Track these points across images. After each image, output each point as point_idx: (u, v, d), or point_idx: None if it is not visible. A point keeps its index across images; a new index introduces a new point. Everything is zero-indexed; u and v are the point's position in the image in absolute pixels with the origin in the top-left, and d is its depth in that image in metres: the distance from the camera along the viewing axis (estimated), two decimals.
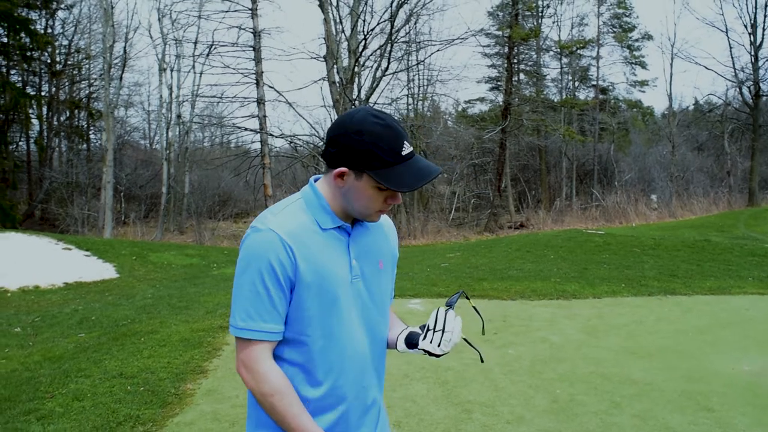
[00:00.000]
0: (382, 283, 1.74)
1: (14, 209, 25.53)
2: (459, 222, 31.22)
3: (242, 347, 1.55)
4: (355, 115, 1.53)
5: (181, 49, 30.26)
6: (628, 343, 6.04)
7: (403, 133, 1.54)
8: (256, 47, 24.72)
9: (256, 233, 1.53)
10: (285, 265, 1.50)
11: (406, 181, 1.52)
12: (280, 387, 1.52)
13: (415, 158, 1.55)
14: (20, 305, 9.52)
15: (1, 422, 4.43)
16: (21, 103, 26.35)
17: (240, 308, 1.53)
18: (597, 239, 13.90)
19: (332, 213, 1.61)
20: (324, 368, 1.58)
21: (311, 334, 1.56)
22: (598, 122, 33.00)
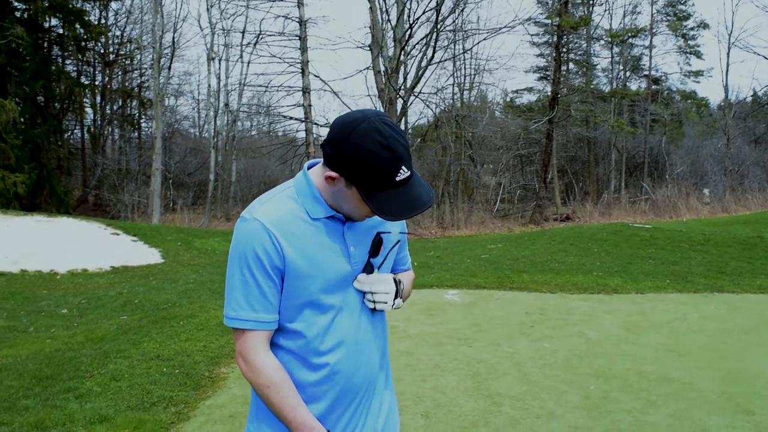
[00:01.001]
0: (385, 264, 1.71)
1: (68, 195, 26.41)
2: (504, 213, 30.88)
3: (237, 337, 1.55)
4: (360, 124, 1.44)
5: (229, 38, 30.65)
6: (668, 340, 5.87)
7: (404, 155, 1.45)
8: (302, 36, 24.89)
9: (242, 223, 1.53)
10: (271, 254, 1.49)
11: (392, 210, 1.46)
12: (275, 379, 1.52)
13: (409, 184, 1.48)
14: (68, 287, 9.85)
15: (42, 398, 4.59)
16: (75, 93, 27.16)
17: (231, 299, 1.53)
18: (643, 233, 13.55)
19: (323, 203, 1.57)
20: (321, 355, 1.57)
21: (305, 321, 1.55)
22: (650, 113, 32.08)
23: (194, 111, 41.96)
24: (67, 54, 30.26)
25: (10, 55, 22.89)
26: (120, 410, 4.31)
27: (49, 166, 24.98)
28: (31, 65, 23.72)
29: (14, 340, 6.63)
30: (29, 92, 24.02)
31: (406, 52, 25.98)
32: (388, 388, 1.81)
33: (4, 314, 7.89)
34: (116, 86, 34.34)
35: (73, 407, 4.37)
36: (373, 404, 1.70)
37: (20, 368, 5.46)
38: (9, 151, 20.98)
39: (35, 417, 4.20)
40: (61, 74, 26.93)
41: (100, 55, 32.40)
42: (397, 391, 4.55)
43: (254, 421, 1.64)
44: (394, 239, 1.73)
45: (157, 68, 26.35)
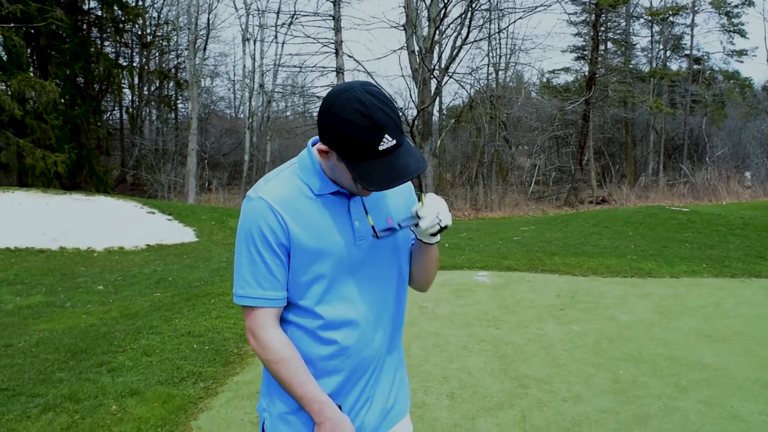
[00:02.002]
0: (393, 239, 1.68)
1: (107, 175, 26.93)
2: (539, 196, 30.55)
3: (247, 314, 1.57)
4: (342, 94, 1.42)
5: (263, 19, 30.68)
6: (702, 325, 5.74)
7: (386, 124, 1.41)
8: (335, 16, 24.81)
9: (248, 202, 1.55)
10: (276, 231, 1.50)
11: (375, 180, 1.44)
12: (284, 354, 1.53)
13: (395, 154, 1.44)
14: (105, 264, 10.07)
15: (76, 372, 4.72)
16: (113, 74, 27.57)
17: (239, 276, 1.55)
18: (680, 217, 13.25)
19: (327, 178, 1.57)
20: (330, 330, 1.57)
21: (313, 298, 1.55)
22: (690, 94, 31.22)
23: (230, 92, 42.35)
24: (105, 36, 30.68)
25: (51, 37, 23.29)
26: (150, 384, 4.40)
27: (89, 146, 25.45)
28: (70, 47, 24.10)
29: (51, 315, 6.82)
30: (69, 74, 24.44)
31: (441, 32, 25.68)
32: (400, 365, 1.80)
33: (43, 290, 8.12)
34: (153, 67, 34.73)
35: (106, 381, 4.48)
36: (383, 380, 1.70)
37: (56, 342, 5.62)
38: (50, 131, 21.42)
39: (69, 389, 4.32)
40: (100, 56, 27.32)
41: (138, 37, 32.76)
42: (423, 372, 4.58)
43: (266, 396, 1.66)
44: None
45: (192, 49, 26.58)
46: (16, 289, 8.21)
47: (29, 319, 6.72)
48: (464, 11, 24.13)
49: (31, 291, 8.08)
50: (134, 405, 4.06)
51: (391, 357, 1.73)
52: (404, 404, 1.80)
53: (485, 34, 28.52)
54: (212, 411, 4.01)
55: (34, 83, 20.71)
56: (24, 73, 20.90)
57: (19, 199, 13.57)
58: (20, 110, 19.86)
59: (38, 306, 7.28)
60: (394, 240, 1.68)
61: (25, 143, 20.39)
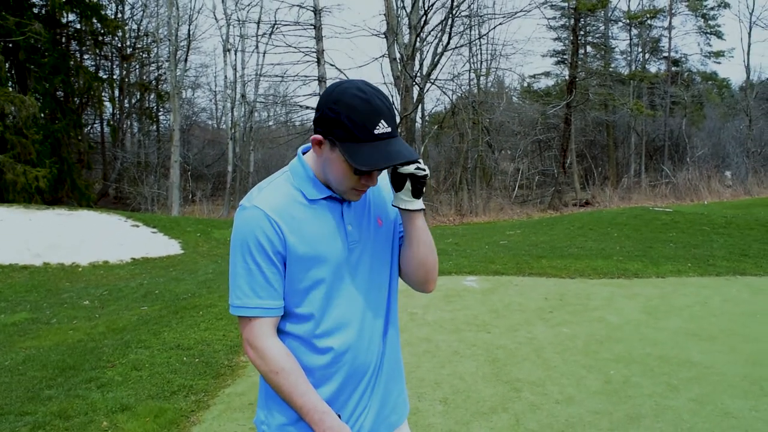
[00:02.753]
0: (384, 239, 1.70)
1: (89, 189, 26.65)
2: (522, 199, 30.69)
3: (244, 325, 1.56)
4: (341, 84, 1.51)
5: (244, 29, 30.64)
6: (690, 324, 5.80)
7: (383, 111, 1.46)
8: (316, 25, 24.83)
9: (242, 211, 1.54)
10: (273, 240, 1.50)
11: (368, 160, 1.44)
12: (284, 364, 1.52)
13: (390, 141, 1.47)
14: (90, 279, 9.97)
15: (65, 388, 4.66)
16: (93, 87, 27.33)
17: (235, 287, 1.54)
18: (664, 217, 13.40)
19: (319, 183, 1.58)
20: (326, 337, 1.57)
21: (310, 305, 1.56)
22: (670, 96, 31.60)
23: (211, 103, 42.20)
24: (84, 49, 30.48)
25: (29, 51, 23.08)
26: (141, 399, 4.36)
27: (70, 160, 25.19)
28: (49, 61, 23.89)
29: (37, 331, 6.73)
30: (48, 87, 24.22)
31: (422, 39, 25.80)
32: (398, 371, 1.79)
33: (28, 306, 8.01)
34: (134, 80, 34.55)
35: (95, 397, 4.44)
36: (381, 386, 1.69)
37: (43, 359, 5.54)
38: (30, 146, 21.17)
39: (58, 406, 4.27)
40: (80, 69, 27.09)
41: (118, 49, 32.57)
42: (415, 378, 4.57)
43: (264, 408, 1.65)
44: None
45: (173, 61, 26.47)
46: (0, 306, 8.10)
47: (15, 336, 6.63)
48: (444, 18, 24.25)
49: (15, 308, 7.97)
50: (125, 420, 4.01)
51: (389, 362, 1.73)
52: (403, 410, 1.80)
53: (466, 40, 28.70)
54: (204, 424, 3.97)
55: (14, 98, 20.48)
56: (3, 87, 20.63)
57: (0, 215, 13.40)
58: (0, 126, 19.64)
59: (23, 323, 7.18)
60: (384, 239, 1.69)
61: (5, 158, 20.11)
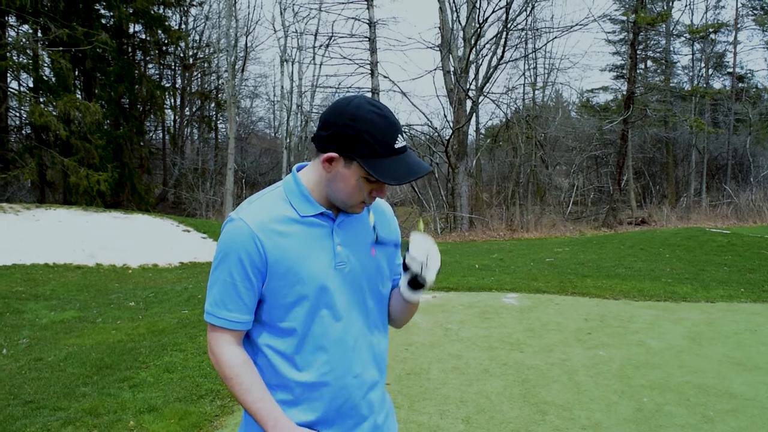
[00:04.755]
0: (377, 269, 1.67)
1: (149, 193, 27.55)
2: (576, 216, 30.10)
3: (210, 331, 1.59)
4: (352, 101, 1.51)
5: (301, 41, 31.18)
6: (735, 353, 5.54)
7: (398, 125, 1.52)
8: (371, 38, 25.05)
9: (229, 223, 1.55)
10: (253, 256, 1.51)
11: (397, 174, 1.48)
12: (238, 370, 1.54)
13: (407, 153, 1.53)
14: (138, 281, 10.27)
15: (99, 387, 4.80)
16: (156, 95, 28.29)
17: (210, 294, 1.57)
18: (720, 239, 12.89)
19: (312, 200, 1.58)
20: (308, 356, 1.56)
21: (292, 320, 1.55)
22: (734, 113, 30.49)
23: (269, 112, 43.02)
24: (149, 58, 31.61)
25: (96, 60, 24.06)
26: (169, 401, 4.45)
27: (131, 165, 26.11)
28: (114, 69, 24.89)
29: (83, 330, 6.97)
30: (113, 95, 25.21)
31: (476, 52, 25.73)
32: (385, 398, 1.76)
33: (77, 305, 8.31)
34: (195, 89, 35.60)
35: (126, 396, 4.55)
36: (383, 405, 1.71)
37: (84, 357, 5.73)
38: (93, 150, 22.05)
39: (90, 404, 4.39)
40: (143, 77, 28.09)
41: (180, 59, 33.64)
42: (440, 395, 4.52)
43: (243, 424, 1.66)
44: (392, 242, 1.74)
45: (231, 71, 27.12)
46: (51, 304, 8.42)
47: (61, 333, 6.87)
48: (499, 31, 24.12)
49: (65, 306, 8.27)
50: (151, 421, 4.10)
51: (376, 389, 1.69)
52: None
53: (521, 53, 28.47)
54: (226, 429, 4.02)
55: (80, 104, 21.39)
56: (70, 94, 21.60)
57: (60, 216, 13.96)
58: (66, 130, 20.53)
59: (71, 321, 7.44)
60: (376, 270, 1.66)
61: (69, 162, 21.01)
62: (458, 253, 14.23)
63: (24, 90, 24.22)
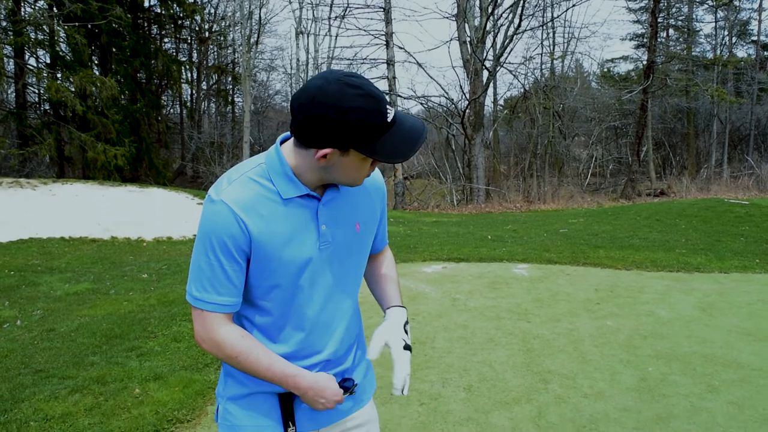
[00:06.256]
0: (359, 245, 1.65)
1: (167, 168, 27.74)
2: (595, 188, 29.85)
3: (197, 316, 1.52)
4: (327, 88, 1.35)
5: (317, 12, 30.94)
6: (745, 323, 5.46)
7: (383, 97, 1.40)
8: (386, 8, 24.75)
9: (209, 204, 1.48)
10: (237, 238, 1.44)
11: (399, 150, 1.42)
12: (241, 347, 1.50)
13: (399, 120, 1.43)
14: (153, 254, 10.37)
15: (107, 356, 4.87)
16: (172, 69, 28.28)
17: (195, 278, 1.50)
18: (738, 210, 12.68)
19: (296, 181, 1.49)
20: (285, 333, 1.56)
21: (273, 301, 1.53)
22: (758, 82, 29.80)
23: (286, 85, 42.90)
24: (164, 33, 31.58)
25: (111, 35, 24.09)
26: (174, 370, 4.51)
27: (148, 140, 26.25)
28: (129, 44, 24.91)
29: (95, 301, 7.06)
30: (129, 70, 25.25)
31: (493, 21, 25.32)
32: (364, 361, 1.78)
33: (91, 277, 8.42)
34: (211, 62, 35.57)
35: (133, 365, 4.62)
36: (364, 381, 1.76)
37: (94, 327, 5.81)
38: (110, 125, 22.19)
39: (98, 372, 4.47)
40: (159, 52, 28.10)
41: (195, 33, 33.57)
42: (444, 363, 4.52)
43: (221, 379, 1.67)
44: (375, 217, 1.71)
45: (245, 44, 27.00)
46: (66, 276, 8.54)
47: (74, 305, 6.98)
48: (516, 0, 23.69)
49: (80, 279, 8.39)
50: (156, 389, 4.16)
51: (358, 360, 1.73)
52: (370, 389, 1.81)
53: (539, 22, 27.97)
54: None
55: (96, 80, 21.50)
56: (86, 70, 21.69)
57: (77, 190, 14.12)
58: (82, 106, 20.65)
59: (84, 293, 7.55)
60: (359, 245, 1.64)
61: (87, 137, 21.17)
62: (472, 225, 14.18)
63: (41, 66, 24.36)
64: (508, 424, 3.59)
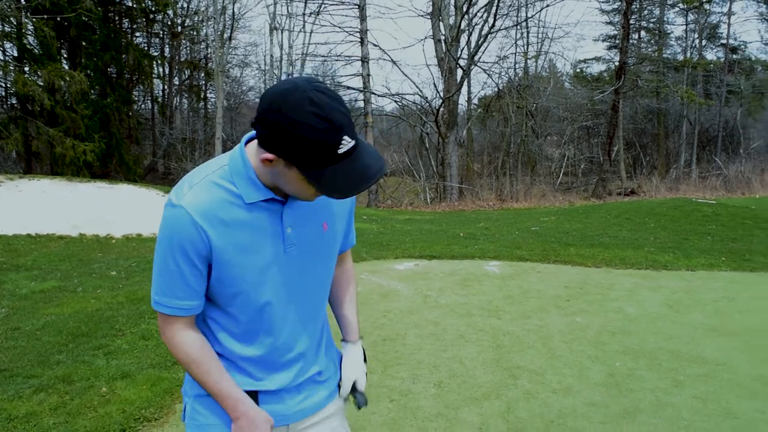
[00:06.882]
0: (327, 245, 1.63)
1: (137, 164, 27.33)
2: (567, 186, 30.11)
3: (160, 319, 1.52)
4: (290, 96, 1.27)
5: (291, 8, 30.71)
6: (711, 320, 5.57)
7: (344, 124, 1.29)
8: (361, 5, 24.69)
9: (170, 209, 1.43)
10: (197, 245, 1.41)
11: (340, 187, 1.33)
12: (195, 355, 1.50)
13: (354, 156, 1.33)
14: (122, 251, 10.22)
15: (73, 355, 4.79)
16: (143, 64, 27.87)
17: (156, 283, 1.49)
18: (706, 209, 12.92)
19: (259, 184, 1.44)
20: (252, 337, 1.55)
21: (237, 305, 1.51)
22: (726, 84, 30.36)
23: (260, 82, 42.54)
24: (135, 26, 31.10)
25: (81, 28, 23.62)
26: (142, 368, 4.45)
27: (119, 135, 25.79)
28: (100, 37, 24.45)
29: (62, 299, 6.93)
30: (99, 64, 24.80)
31: (468, 20, 25.42)
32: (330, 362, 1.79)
33: (58, 275, 8.26)
34: (183, 57, 35.12)
35: (100, 363, 4.55)
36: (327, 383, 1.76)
37: (61, 326, 5.71)
38: (79, 120, 21.76)
39: (64, 371, 4.39)
40: (130, 46, 27.65)
41: (168, 27, 33.12)
42: (414, 360, 4.53)
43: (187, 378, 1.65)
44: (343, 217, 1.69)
45: (219, 40, 26.73)
46: (32, 274, 8.37)
47: (40, 303, 6.84)
48: None
49: (46, 276, 8.23)
50: (123, 387, 4.10)
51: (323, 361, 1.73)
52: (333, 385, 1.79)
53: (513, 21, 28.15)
54: None
55: (64, 74, 21.08)
56: (54, 63, 21.24)
57: (44, 186, 13.85)
58: (50, 100, 20.22)
59: (51, 291, 7.41)
60: (327, 245, 1.62)
61: (55, 132, 20.75)
62: (445, 222, 14.24)
63: (8, 59, 23.83)
64: (477, 420, 3.61)
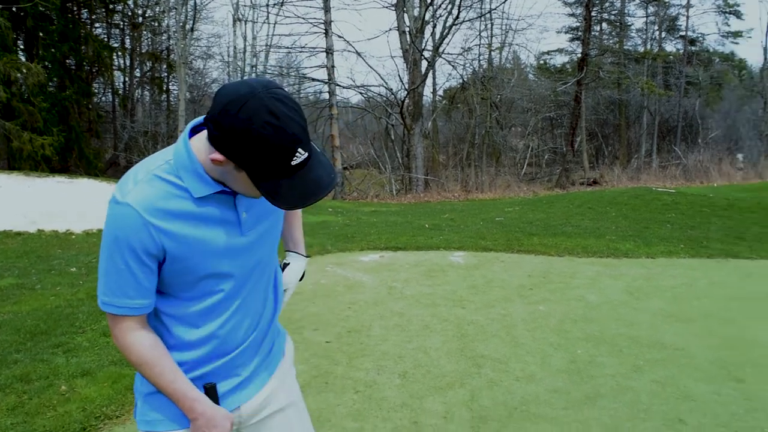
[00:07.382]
0: (278, 221, 1.64)
1: (98, 158, 26.77)
2: (531, 177, 30.43)
3: (110, 319, 1.48)
4: (247, 102, 1.24)
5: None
6: (670, 306, 5.70)
7: (300, 136, 1.27)
8: None
9: (115, 206, 1.37)
10: (145, 243, 1.36)
11: (289, 199, 1.32)
12: (147, 357, 1.46)
13: (307, 168, 1.32)
14: (82, 247, 10.00)
15: (32, 353, 4.68)
16: (103, 55, 27.26)
17: (103, 283, 1.44)
18: (666, 198, 13.20)
19: (208, 179, 1.39)
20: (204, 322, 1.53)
21: (190, 295, 1.50)
22: (685, 76, 31.01)
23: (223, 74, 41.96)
24: (95, 17, 30.38)
25: (38, 19, 23.02)
26: (103, 365, 4.37)
27: (78, 129, 25.22)
28: (58, 28, 23.85)
29: (20, 297, 6.76)
30: (57, 55, 24.19)
31: (432, 12, 25.46)
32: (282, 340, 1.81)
33: (16, 272, 8.05)
34: (145, 49, 34.43)
35: (60, 361, 4.45)
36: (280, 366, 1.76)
37: (18, 324, 5.56)
38: (37, 113, 21.22)
39: (21, 370, 4.29)
40: (89, 37, 27.01)
41: (128, 18, 32.44)
42: (379, 351, 4.54)
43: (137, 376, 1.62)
44: None
45: (181, 31, 26.30)
46: None
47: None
48: None
49: (3, 274, 8.01)
50: (84, 385, 4.02)
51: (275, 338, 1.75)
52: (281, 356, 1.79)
53: (477, 13, 28.28)
54: None
55: (21, 65, 20.53)
56: (10, 55, 20.64)
57: (0, 181, 13.47)
58: (6, 93, 19.69)
59: (8, 288, 7.21)
60: (276, 222, 1.63)
61: (11, 126, 20.20)
62: (410, 214, 14.27)
63: None
64: (441, 409, 3.64)
